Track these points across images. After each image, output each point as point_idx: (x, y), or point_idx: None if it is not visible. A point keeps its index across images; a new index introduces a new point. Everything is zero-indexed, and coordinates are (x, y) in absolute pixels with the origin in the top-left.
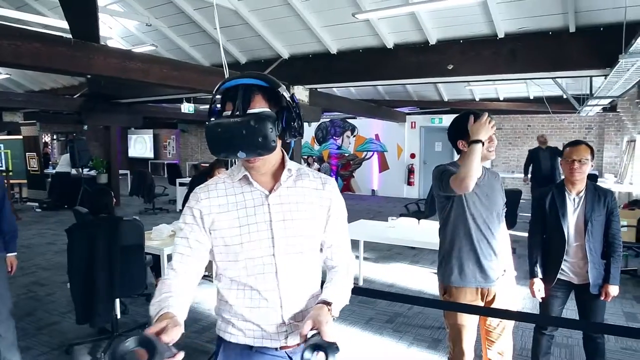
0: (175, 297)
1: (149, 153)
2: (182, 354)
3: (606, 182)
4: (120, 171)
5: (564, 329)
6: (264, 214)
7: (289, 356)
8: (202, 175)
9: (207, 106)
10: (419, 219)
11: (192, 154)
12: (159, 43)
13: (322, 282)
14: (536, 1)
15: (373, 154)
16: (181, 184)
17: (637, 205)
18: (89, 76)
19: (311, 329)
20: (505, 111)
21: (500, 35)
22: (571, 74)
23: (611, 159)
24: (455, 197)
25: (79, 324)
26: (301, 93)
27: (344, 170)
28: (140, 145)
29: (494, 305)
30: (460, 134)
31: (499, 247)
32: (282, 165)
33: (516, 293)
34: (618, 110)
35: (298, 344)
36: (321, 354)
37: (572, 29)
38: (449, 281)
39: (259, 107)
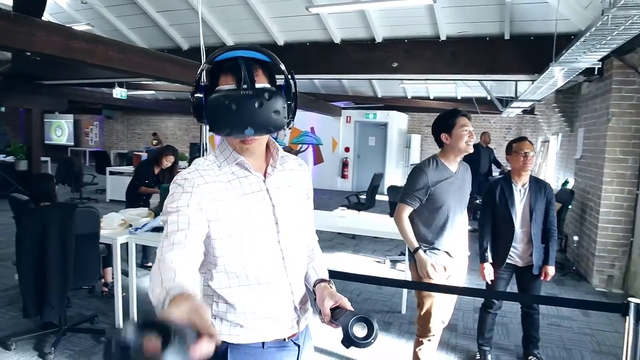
0: (184, 276)
1: (68, 140)
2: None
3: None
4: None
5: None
6: (264, 200)
7: (295, 344)
8: (149, 163)
9: (141, 92)
10: (359, 210)
11: (117, 142)
12: (95, 23)
13: None
14: (476, 8)
15: (308, 147)
16: (112, 173)
17: None
18: (28, 53)
19: (332, 308)
20: (435, 109)
21: (443, 37)
22: (504, 78)
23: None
24: (433, 190)
25: (28, 317)
26: None
27: None
28: (59, 131)
29: (450, 281)
30: (444, 128)
31: (464, 231)
32: (266, 149)
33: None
34: (535, 113)
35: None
36: (362, 324)
37: (506, 36)
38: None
39: (262, 83)
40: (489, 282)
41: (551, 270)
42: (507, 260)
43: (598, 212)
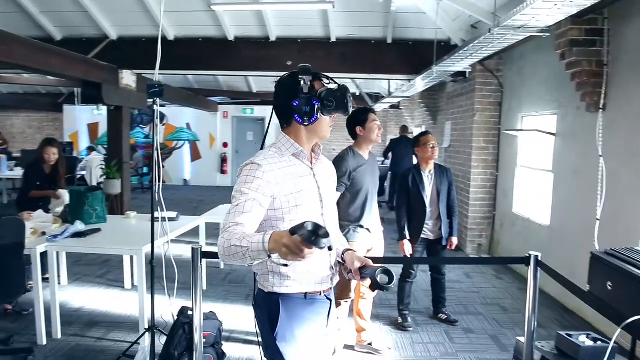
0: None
1: None
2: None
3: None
4: None
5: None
6: (313, 183)
7: (328, 298)
8: (35, 163)
9: None
10: None
11: None
12: None
13: None
14: (364, 13)
15: (184, 143)
16: None
17: None
18: None
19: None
20: None
21: (333, 39)
22: (388, 77)
23: None
24: (354, 175)
25: None
26: (129, 78)
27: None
28: None
29: (371, 254)
30: (358, 122)
31: (377, 212)
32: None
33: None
34: (400, 108)
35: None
36: (384, 275)
37: (389, 40)
38: (354, 239)
39: None
40: (408, 256)
41: (455, 240)
42: (422, 235)
43: (468, 192)
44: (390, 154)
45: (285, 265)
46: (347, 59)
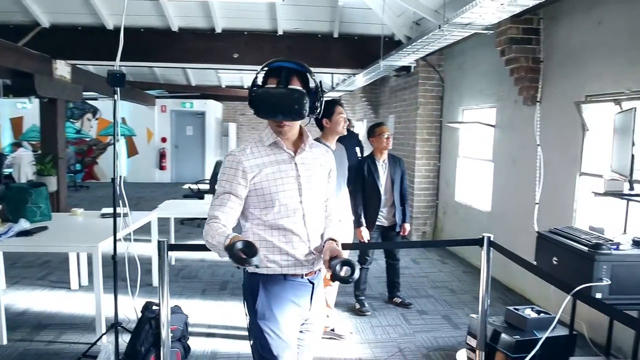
0: (230, 229)
1: None
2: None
3: None
4: None
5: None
6: (292, 171)
7: (310, 282)
8: None
9: None
10: (202, 199)
11: None
12: None
13: None
14: (311, 7)
15: (120, 139)
16: None
17: None
18: None
19: (331, 258)
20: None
21: (280, 32)
22: (335, 71)
23: None
24: None
25: None
26: (63, 69)
27: (86, 157)
28: None
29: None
30: (325, 114)
31: (346, 202)
32: (300, 136)
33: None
34: (343, 102)
35: (318, 270)
36: (347, 268)
37: (335, 35)
38: None
39: (295, 85)
40: (365, 242)
41: (407, 226)
42: (377, 222)
43: (413, 182)
44: None
45: (256, 266)
46: (293, 52)
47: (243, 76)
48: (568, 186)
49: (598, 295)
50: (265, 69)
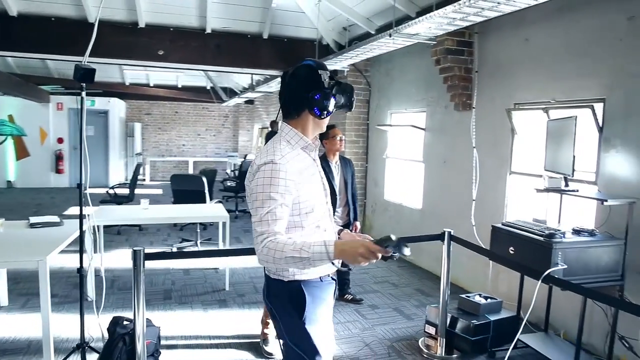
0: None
1: None
2: None
3: (236, 158)
4: None
5: None
6: (317, 172)
7: (333, 279)
8: None
9: None
10: (119, 204)
11: None
12: None
13: None
14: (241, 7)
15: (6, 139)
16: None
17: None
18: None
19: None
20: (155, 97)
21: (208, 30)
22: (263, 72)
23: (244, 142)
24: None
25: None
26: None
27: None
28: None
29: None
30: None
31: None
32: None
33: None
34: (255, 103)
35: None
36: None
37: (265, 36)
38: None
39: None
40: None
41: (358, 224)
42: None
43: None
44: None
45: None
46: (222, 51)
47: (149, 73)
48: (500, 184)
49: (549, 281)
50: (326, 72)
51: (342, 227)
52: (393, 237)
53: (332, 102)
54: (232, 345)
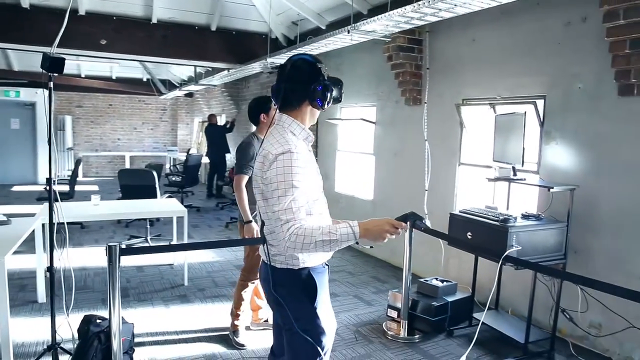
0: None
1: None
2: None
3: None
4: None
5: None
6: (315, 163)
7: (326, 264)
8: None
9: None
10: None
11: None
12: None
13: None
14: None
15: None
16: None
17: None
18: None
19: None
20: (87, 88)
21: (154, 20)
22: (211, 65)
23: (184, 137)
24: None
25: None
26: None
27: None
28: None
29: None
30: (263, 110)
31: None
32: None
33: None
34: (196, 96)
35: None
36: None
37: (213, 28)
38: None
39: None
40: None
41: None
42: None
43: None
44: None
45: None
46: (168, 43)
47: (81, 64)
48: (450, 174)
49: (508, 261)
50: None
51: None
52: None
53: (331, 94)
54: (200, 339)
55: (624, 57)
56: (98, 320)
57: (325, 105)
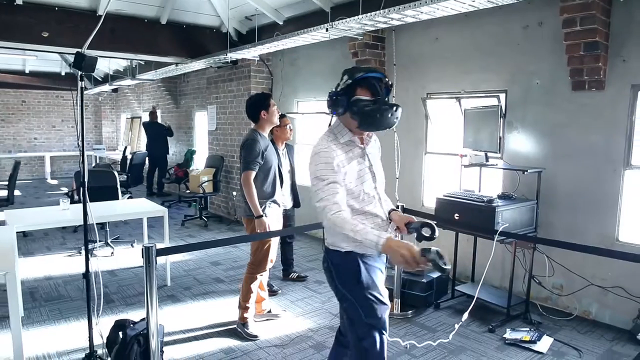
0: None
1: None
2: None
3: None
4: None
5: None
6: (366, 162)
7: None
8: None
9: None
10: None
11: None
12: None
13: None
14: None
15: None
16: None
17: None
18: None
19: (406, 223)
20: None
21: (100, 12)
22: (161, 59)
23: (109, 134)
24: (265, 154)
25: None
26: None
27: None
28: None
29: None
30: (263, 107)
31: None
32: None
33: None
34: (125, 91)
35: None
36: (426, 228)
37: (163, 21)
38: (269, 213)
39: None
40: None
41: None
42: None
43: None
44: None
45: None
46: (117, 36)
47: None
48: (417, 163)
49: (501, 236)
50: (358, 77)
51: (392, 209)
52: (434, 249)
53: (369, 114)
54: (211, 335)
55: (578, 58)
56: (131, 325)
57: (366, 128)
